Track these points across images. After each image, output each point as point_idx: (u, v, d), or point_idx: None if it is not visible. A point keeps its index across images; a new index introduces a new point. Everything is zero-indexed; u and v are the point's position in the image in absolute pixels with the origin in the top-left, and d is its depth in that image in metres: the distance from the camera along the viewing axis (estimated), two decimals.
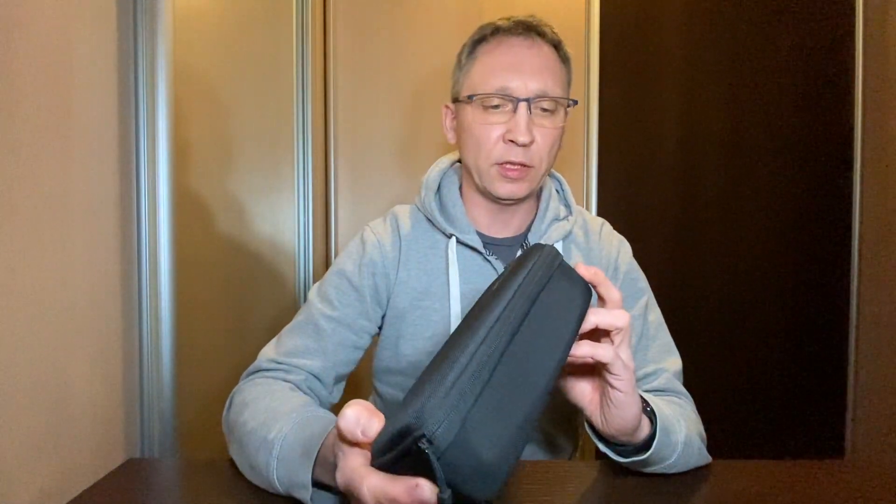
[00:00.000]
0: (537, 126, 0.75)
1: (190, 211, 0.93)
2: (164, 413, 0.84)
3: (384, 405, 0.89)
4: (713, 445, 0.72)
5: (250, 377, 0.74)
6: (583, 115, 1.52)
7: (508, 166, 0.75)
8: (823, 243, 1.63)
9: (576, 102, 0.79)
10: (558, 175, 0.90)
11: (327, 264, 1.50)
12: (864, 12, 1.57)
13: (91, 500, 0.62)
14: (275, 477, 0.57)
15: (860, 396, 1.60)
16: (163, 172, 0.82)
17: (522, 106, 0.73)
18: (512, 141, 0.73)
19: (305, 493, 0.54)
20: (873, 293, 1.57)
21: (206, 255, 1.02)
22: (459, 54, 0.81)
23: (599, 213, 1.55)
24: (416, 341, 0.81)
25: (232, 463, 0.68)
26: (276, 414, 0.62)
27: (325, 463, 0.53)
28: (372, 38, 1.51)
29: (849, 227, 1.62)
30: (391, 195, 1.52)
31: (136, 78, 0.80)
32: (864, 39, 1.58)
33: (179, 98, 0.85)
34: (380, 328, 0.85)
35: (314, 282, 1.40)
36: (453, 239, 0.80)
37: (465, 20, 1.50)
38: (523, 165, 0.75)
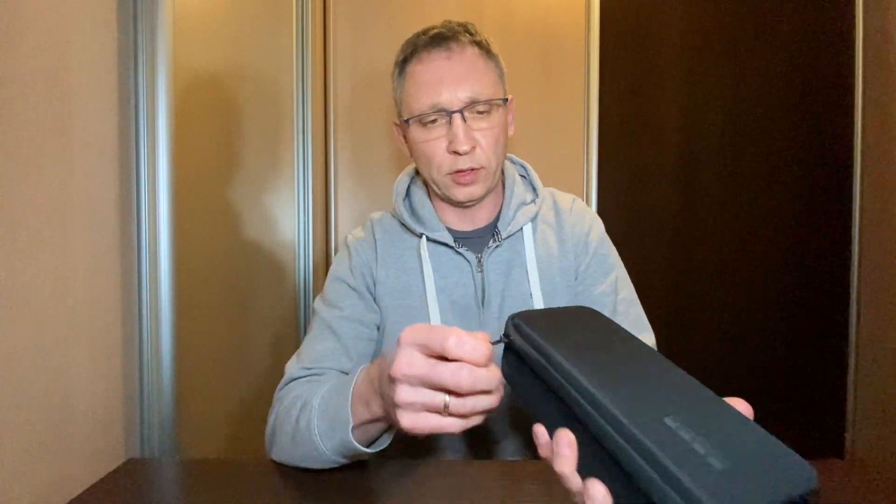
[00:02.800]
0: (476, 130, 0.77)
1: (190, 211, 0.93)
2: (164, 413, 0.84)
3: None
4: None
5: (283, 390, 0.76)
6: (583, 115, 1.52)
7: (459, 174, 0.78)
8: (823, 243, 1.63)
9: (506, 101, 0.81)
10: (521, 161, 0.92)
11: (327, 264, 1.50)
12: (864, 12, 1.57)
13: (91, 500, 0.62)
14: (316, 433, 0.61)
15: (860, 396, 1.60)
16: (163, 172, 0.82)
17: (456, 118, 0.76)
18: (455, 151, 0.76)
19: (346, 427, 0.58)
20: (873, 293, 1.57)
21: (206, 255, 1.02)
22: (392, 74, 0.84)
23: (599, 213, 1.54)
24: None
25: (232, 463, 0.68)
26: (314, 393, 0.66)
27: (362, 394, 0.57)
28: (372, 37, 1.51)
29: (849, 227, 1.62)
30: (391, 195, 1.52)
31: (136, 78, 0.80)
32: (864, 39, 1.58)
33: (179, 98, 0.85)
34: None
35: (314, 281, 1.40)
36: (424, 238, 0.84)
37: (464, 20, 1.50)
38: (472, 169, 0.78)
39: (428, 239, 0.84)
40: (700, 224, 1.63)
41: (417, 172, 0.90)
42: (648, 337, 0.85)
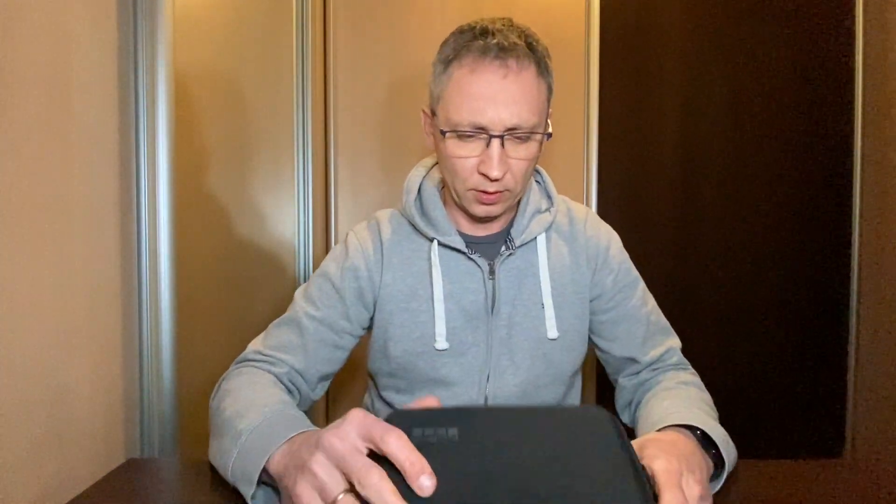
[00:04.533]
0: (511, 158, 0.73)
1: (190, 211, 0.93)
2: (164, 413, 0.84)
3: (381, 403, 0.91)
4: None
5: (237, 366, 0.78)
6: (583, 115, 1.52)
7: (482, 194, 0.75)
8: (823, 243, 1.63)
9: (550, 136, 0.76)
10: (538, 167, 0.88)
11: None
12: (864, 12, 1.57)
13: (91, 500, 0.62)
14: (230, 466, 0.58)
15: (860, 396, 1.60)
16: (163, 172, 0.82)
17: (495, 143, 0.71)
18: (485, 174, 0.72)
19: (248, 488, 0.55)
20: (873, 293, 1.57)
21: (206, 255, 1.02)
22: (434, 63, 0.78)
23: (600, 213, 1.55)
24: (403, 343, 0.82)
25: None
26: (252, 405, 0.64)
27: (280, 461, 0.53)
28: (372, 37, 1.51)
29: (849, 227, 1.62)
30: (391, 195, 1.52)
31: (136, 78, 0.80)
32: (863, 39, 1.58)
33: (179, 98, 0.85)
34: (367, 329, 0.87)
35: None
36: (435, 242, 0.81)
37: (464, 20, 1.50)
38: (498, 192, 0.74)
39: (439, 243, 0.81)
40: (700, 224, 1.63)
41: (433, 166, 0.87)
42: (675, 339, 0.90)
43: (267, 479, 0.56)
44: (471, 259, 0.81)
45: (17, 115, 0.59)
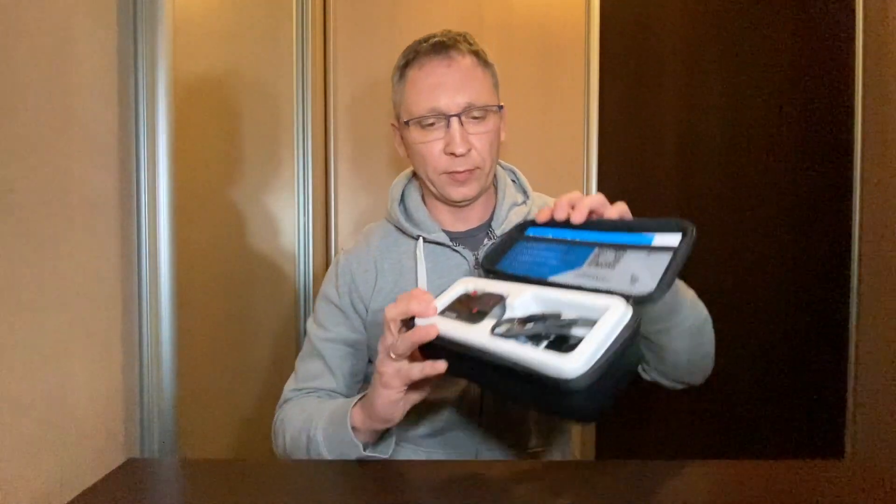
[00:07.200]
0: (472, 134, 0.81)
1: (190, 211, 0.93)
2: (164, 413, 0.84)
3: None
4: (713, 446, 0.72)
5: (281, 408, 0.86)
6: (583, 115, 1.52)
7: (454, 174, 0.82)
8: (823, 243, 1.63)
9: (501, 107, 0.85)
10: (511, 167, 0.96)
11: (327, 264, 1.50)
12: (864, 12, 1.57)
13: (91, 500, 0.62)
14: (324, 445, 0.72)
15: (860, 396, 1.60)
16: (163, 172, 0.82)
17: (454, 121, 0.80)
18: (452, 153, 0.80)
19: (358, 450, 0.69)
20: (873, 293, 1.57)
21: (206, 255, 1.02)
22: (392, 78, 0.87)
23: None
24: None
25: (232, 463, 0.68)
26: (311, 415, 0.77)
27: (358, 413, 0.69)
28: (372, 38, 1.51)
29: (849, 227, 1.62)
30: None
31: (136, 78, 0.80)
32: (864, 39, 1.58)
33: (179, 98, 0.85)
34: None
35: (314, 283, 1.40)
36: (420, 240, 0.87)
37: (464, 20, 1.51)
38: (468, 170, 0.82)
39: (425, 240, 0.86)
40: (699, 223, 1.62)
41: (414, 176, 0.93)
42: None
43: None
44: (456, 251, 0.86)
45: (18, 115, 0.59)
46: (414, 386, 0.64)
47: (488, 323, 0.54)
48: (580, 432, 1.61)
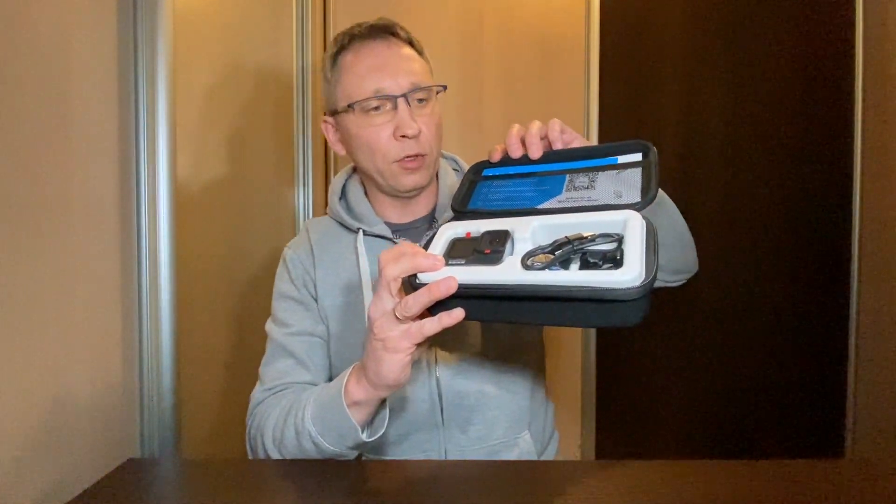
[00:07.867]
0: (419, 116, 0.78)
1: (190, 211, 0.93)
2: (164, 413, 0.84)
3: None
4: (713, 445, 0.72)
5: (252, 414, 0.79)
6: (583, 115, 1.52)
7: (407, 160, 0.78)
8: (823, 243, 1.63)
9: (445, 88, 0.82)
10: (452, 155, 0.94)
11: None
12: (864, 12, 1.57)
13: (91, 500, 0.62)
14: (328, 449, 0.68)
15: (860, 396, 1.60)
16: (163, 172, 0.81)
17: (401, 102, 0.77)
18: (403, 136, 0.77)
19: (357, 433, 0.65)
20: (873, 293, 1.57)
21: (207, 255, 1.02)
22: (323, 69, 0.83)
23: None
24: (346, 336, 0.83)
25: (232, 463, 0.68)
26: (292, 407, 0.71)
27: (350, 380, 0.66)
28: None
29: (849, 227, 1.62)
30: None
31: (136, 78, 0.80)
32: (864, 39, 1.58)
33: (179, 98, 0.85)
34: None
35: None
36: (360, 233, 0.84)
37: (464, 20, 1.50)
38: (419, 155, 0.78)
39: (365, 233, 0.84)
40: (700, 223, 1.62)
41: (353, 171, 0.91)
42: None
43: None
44: (396, 243, 0.82)
45: (18, 116, 0.59)
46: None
47: (513, 259, 0.54)
48: (577, 427, 1.60)
